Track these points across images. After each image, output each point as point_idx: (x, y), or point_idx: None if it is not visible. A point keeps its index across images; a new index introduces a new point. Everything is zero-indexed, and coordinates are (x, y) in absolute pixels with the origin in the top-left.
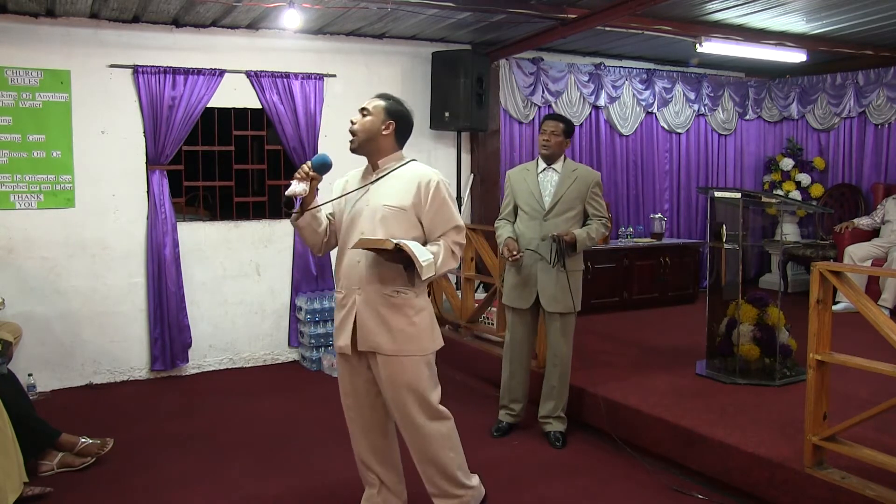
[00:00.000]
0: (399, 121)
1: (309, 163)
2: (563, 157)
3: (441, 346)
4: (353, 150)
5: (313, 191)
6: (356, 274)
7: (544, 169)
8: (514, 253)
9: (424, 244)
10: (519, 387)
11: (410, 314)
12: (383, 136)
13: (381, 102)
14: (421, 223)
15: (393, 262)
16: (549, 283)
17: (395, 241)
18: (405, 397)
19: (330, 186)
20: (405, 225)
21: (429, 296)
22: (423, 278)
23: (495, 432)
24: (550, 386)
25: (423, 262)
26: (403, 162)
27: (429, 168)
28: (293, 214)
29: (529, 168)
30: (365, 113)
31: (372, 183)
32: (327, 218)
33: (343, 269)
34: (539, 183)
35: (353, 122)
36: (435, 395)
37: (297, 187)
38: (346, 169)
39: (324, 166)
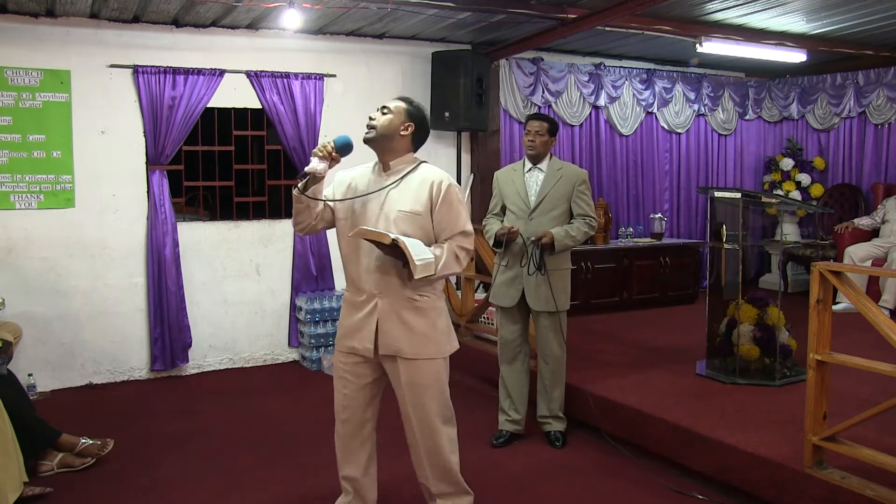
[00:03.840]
0: (418, 125)
1: (332, 142)
2: (548, 156)
3: (457, 348)
4: (366, 141)
5: (324, 173)
6: (376, 277)
7: (530, 168)
8: (512, 228)
9: (430, 245)
10: (516, 391)
11: (433, 317)
12: (401, 137)
13: (403, 104)
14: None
15: (392, 256)
16: (534, 281)
17: (392, 236)
18: (425, 400)
19: (331, 177)
20: (421, 228)
21: None
22: (416, 276)
23: (495, 440)
24: (543, 385)
25: (417, 261)
26: (415, 164)
27: (440, 170)
28: (299, 188)
29: (516, 168)
30: (385, 111)
31: (385, 188)
32: (326, 205)
33: (359, 272)
34: (525, 182)
35: (371, 118)
36: (448, 398)
37: (317, 165)
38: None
39: (346, 147)
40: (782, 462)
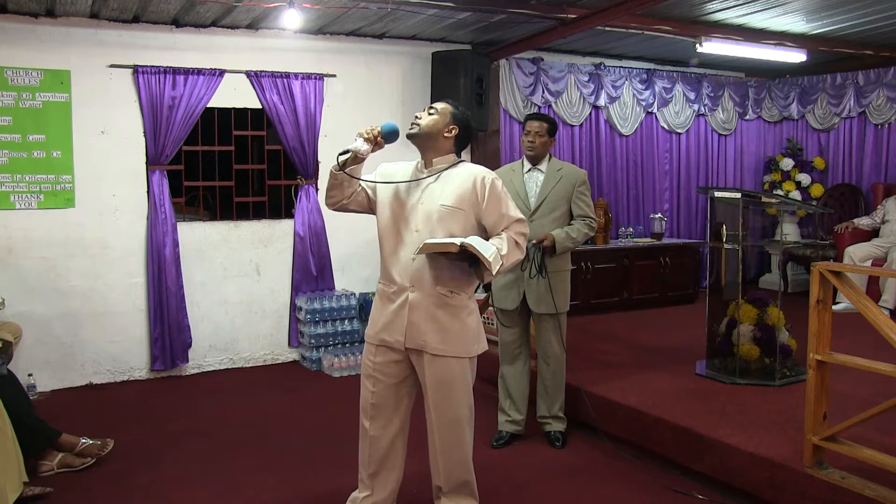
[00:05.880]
0: (462, 128)
1: (379, 127)
2: (548, 157)
3: (485, 349)
4: (409, 136)
5: (367, 155)
6: (410, 272)
7: (530, 169)
8: None
9: (486, 240)
10: (516, 391)
11: (462, 315)
12: (444, 138)
13: (449, 107)
14: (478, 221)
15: (458, 261)
16: (535, 284)
17: (459, 243)
18: (448, 397)
19: (375, 167)
20: (462, 224)
21: None
22: (494, 272)
23: (495, 442)
24: (543, 386)
25: (489, 258)
26: (455, 162)
27: (481, 167)
28: (338, 163)
29: (515, 168)
30: (432, 112)
31: (425, 178)
32: (363, 188)
33: (395, 265)
34: (525, 183)
35: (417, 116)
36: (472, 399)
37: (360, 145)
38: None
39: (391, 134)
40: (782, 462)
